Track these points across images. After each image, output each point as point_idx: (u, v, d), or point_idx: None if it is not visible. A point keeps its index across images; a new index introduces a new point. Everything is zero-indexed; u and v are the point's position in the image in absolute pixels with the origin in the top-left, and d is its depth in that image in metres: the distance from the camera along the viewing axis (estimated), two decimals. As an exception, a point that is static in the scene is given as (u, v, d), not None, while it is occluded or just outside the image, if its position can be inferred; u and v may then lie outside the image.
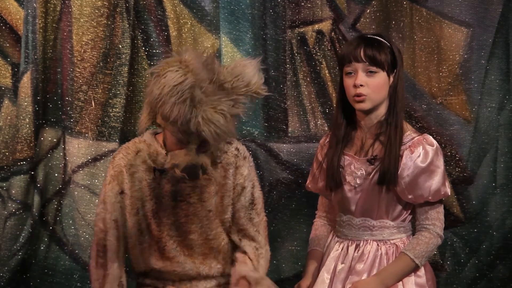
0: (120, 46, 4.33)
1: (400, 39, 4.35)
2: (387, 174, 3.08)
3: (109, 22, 4.31)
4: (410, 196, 3.12)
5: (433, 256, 4.40)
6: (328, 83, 4.38)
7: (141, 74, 4.38)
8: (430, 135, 4.39)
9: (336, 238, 3.29)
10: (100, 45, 4.33)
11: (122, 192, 2.99)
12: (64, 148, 4.36)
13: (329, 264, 3.22)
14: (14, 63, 4.37)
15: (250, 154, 3.11)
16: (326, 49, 4.39)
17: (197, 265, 3.01)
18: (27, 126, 4.30)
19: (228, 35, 4.36)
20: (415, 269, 3.13)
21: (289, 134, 4.43)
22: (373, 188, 3.13)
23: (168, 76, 2.71)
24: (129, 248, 3.08)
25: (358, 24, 4.38)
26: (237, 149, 3.06)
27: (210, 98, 2.72)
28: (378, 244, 3.18)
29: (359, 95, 3.08)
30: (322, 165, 3.26)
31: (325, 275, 3.21)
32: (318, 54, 4.41)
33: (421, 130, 4.38)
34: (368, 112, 3.13)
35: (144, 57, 4.38)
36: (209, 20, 4.38)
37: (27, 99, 4.29)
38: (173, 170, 2.83)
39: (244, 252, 3.07)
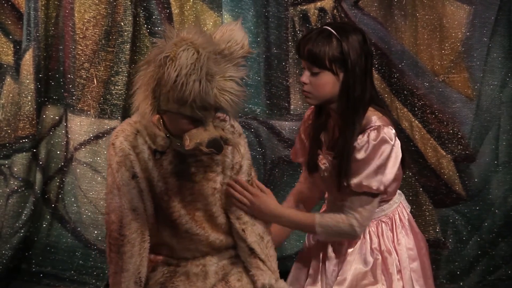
0: (122, 24, 4.32)
1: (403, 17, 4.35)
2: (340, 174, 3.03)
3: (111, 0, 4.30)
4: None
5: (435, 234, 4.41)
6: (330, 60, 4.37)
7: (143, 52, 4.37)
8: (432, 113, 4.43)
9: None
10: (102, 23, 4.32)
11: (134, 176, 2.86)
12: (66, 126, 4.36)
13: (317, 251, 3.21)
14: (16, 40, 4.37)
15: (252, 131, 3.07)
16: (328, 27, 4.38)
17: (209, 236, 2.99)
18: (29, 103, 4.30)
19: (230, 13, 4.36)
20: (309, 231, 3.10)
21: (291, 112, 4.42)
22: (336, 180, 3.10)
23: (182, 56, 2.62)
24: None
25: (360, 2, 4.37)
26: (232, 126, 3.00)
27: (218, 68, 2.70)
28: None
29: (304, 91, 3.06)
30: (304, 143, 3.24)
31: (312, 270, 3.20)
32: (320, 31, 4.40)
33: (423, 107, 4.38)
34: (326, 104, 3.08)
35: (146, 34, 4.38)
36: (210, -2, 4.38)
37: (29, 76, 4.29)
38: (198, 150, 2.73)
39: (252, 251, 3.02)
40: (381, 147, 2.95)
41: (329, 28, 2.96)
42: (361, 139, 2.96)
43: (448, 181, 4.40)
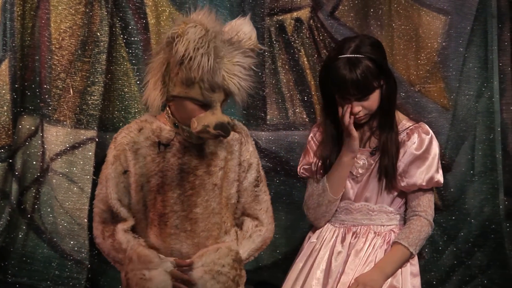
0: (99, 34, 4.31)
1: (379, 27, 4.35)
2: (387, 169, 3.10)
3: (87, 10, 4.30)
4: (403, 184, 3.12)
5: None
6: (307, 70, 4.39)
7: (119, 62, 4.37)
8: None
9: (330, 226, 3.28)
10: (78, 33, 4.32)
11: (125, 172, 3.00)
12: (42, 136, 4.36)
13: (322, 255, 3.22)
14: (-8, 51, 4.36)
15: None
16: (305, 37, 4.39)
17: (196, 243, 3.02)
18: (5, 114, 4.29)
19: (206, 23, 4.35)
20: (410, 257, 3.14)
21: (268, 122, 4.43)
22: (374, 177, 3.15)
23: (190, 31, 2.74)
24: (135, 224, 3.12)
25: (336, 12, 4.38)
26: (240, 126, 3.16)
27: (227, 51, 2.81)
28: (375, 232, 3.19)
29: (360, 117, 3.12)
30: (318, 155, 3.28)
31: (318, 271, 3.21)
32: (297, 41, 4.40)
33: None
34: None
35: (123, 44, 4.37)
36: (188, 8, 4.36)
37: (5, 87, 4.28)
38: (205, 132, 2.85)
39: (241, 228, 3.10)
40: (433, 142, 3.16)
41: (355, 55, 3.07)
42: (411, 135, 3.05)
43: (424, 191, 4.41)
